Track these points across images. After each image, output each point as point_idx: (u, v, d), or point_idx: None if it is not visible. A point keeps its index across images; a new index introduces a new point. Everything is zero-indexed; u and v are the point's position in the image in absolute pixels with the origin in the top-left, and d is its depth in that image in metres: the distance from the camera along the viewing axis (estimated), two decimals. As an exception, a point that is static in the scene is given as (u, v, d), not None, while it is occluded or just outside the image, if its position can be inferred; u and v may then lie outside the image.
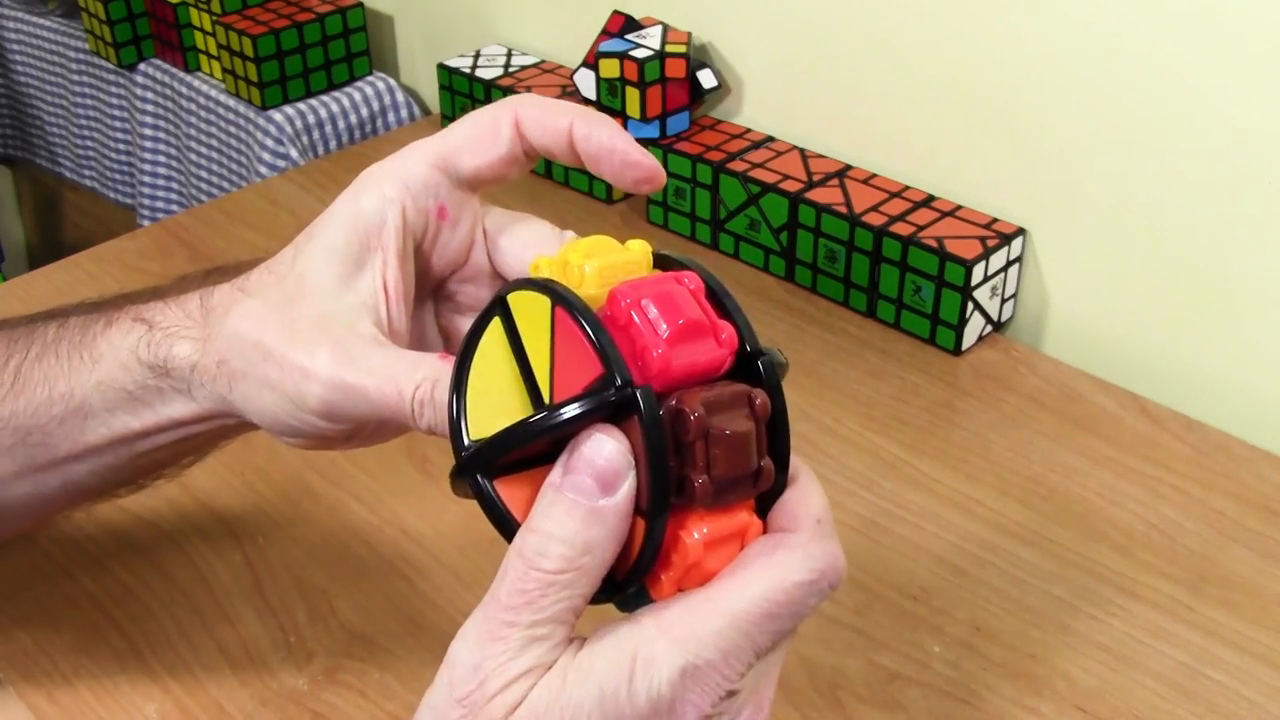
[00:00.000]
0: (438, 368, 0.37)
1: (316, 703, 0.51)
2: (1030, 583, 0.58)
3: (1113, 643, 0.55)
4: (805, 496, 0.34)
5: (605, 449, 0.32)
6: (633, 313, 0.33)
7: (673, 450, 0.32)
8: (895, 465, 0.65)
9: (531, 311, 0.34)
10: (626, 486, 0.32)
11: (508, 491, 0.34)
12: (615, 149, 0.39)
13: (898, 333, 0.75)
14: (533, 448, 0.33)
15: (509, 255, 0.44)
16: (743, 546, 0.33)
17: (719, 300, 0.34)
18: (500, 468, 0.34)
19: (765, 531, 0.34)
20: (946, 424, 0.68)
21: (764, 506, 0.34)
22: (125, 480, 0.47)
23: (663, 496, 0.32)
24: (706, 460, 0.32)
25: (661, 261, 0.36)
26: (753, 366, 0.34)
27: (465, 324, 0.43)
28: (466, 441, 0.34)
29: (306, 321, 0.39)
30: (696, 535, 0.32)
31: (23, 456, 0.44)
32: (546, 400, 0.34)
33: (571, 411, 0.32)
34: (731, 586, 0.32)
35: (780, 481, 0.34)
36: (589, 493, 0.31)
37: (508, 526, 0.34)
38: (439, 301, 0.45)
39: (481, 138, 0.41)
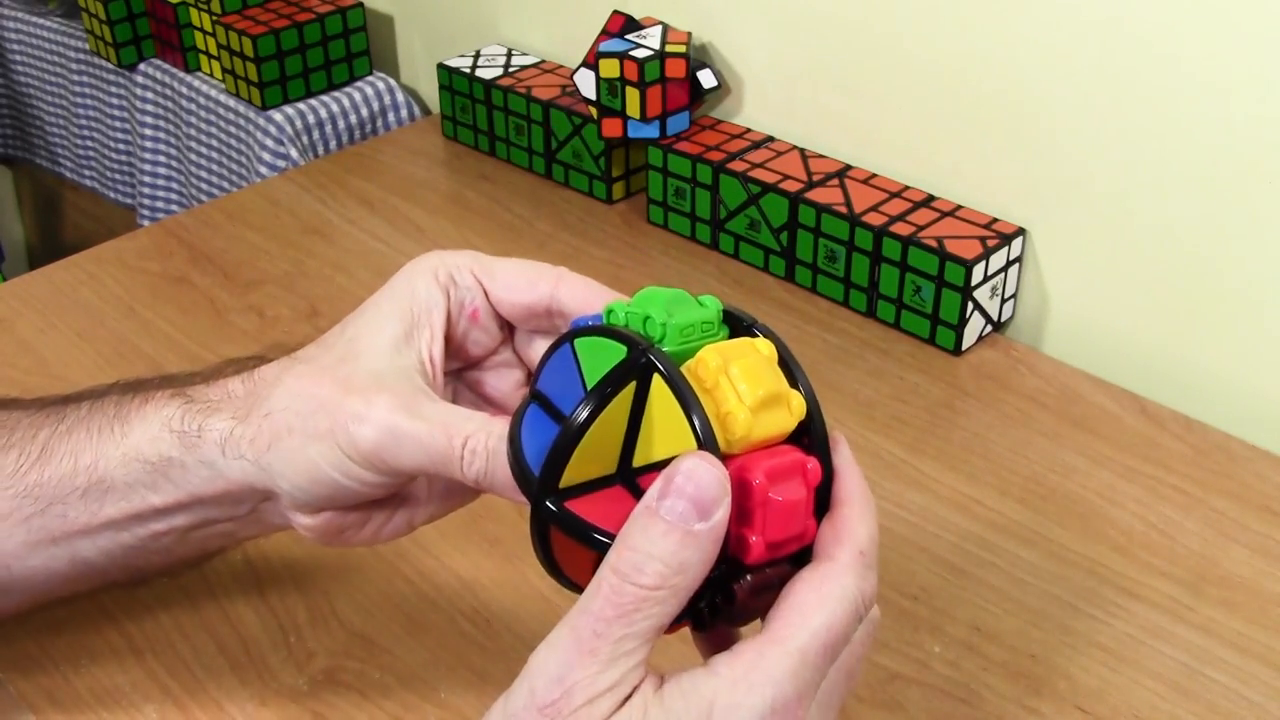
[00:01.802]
0: (490, 421, 0.39)
1: (316, 703, 0.51)
2: (1030, 583, 0.58)
3: (1113, 643, 0.55)
4: (853, 526, 0.36)
5: (704, 476, 0.33)
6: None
7: (734, 511, 0.34)
8: (895, 465, 0.65)
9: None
10: (721, 513, 0.33)
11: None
12: None
13: (898, 333, 0.75)
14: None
15: (503, 298, 0.45)
16: (806, 484, 0.36)
17: (788, 366, 0.37)
18: (567, 493, 0.36)
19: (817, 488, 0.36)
20: (946, 424, 0.68)
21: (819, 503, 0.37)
22: (135, 565, 0.46)
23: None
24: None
25: (730, 318, 0.38)
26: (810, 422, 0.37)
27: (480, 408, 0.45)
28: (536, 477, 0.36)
29: (360, 377, 0.41)
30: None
31: (39, 528, 0.44)
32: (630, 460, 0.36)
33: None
34: (794, 624, 0.34)
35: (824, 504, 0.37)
36: (686, 517, 0.33)
37: (590, 539, 0.35)
38: (456, 391, 0.47)
39: (521, 278, 0.44)
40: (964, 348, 0.73)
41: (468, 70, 0.96)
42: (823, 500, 0.37)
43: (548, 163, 0.92)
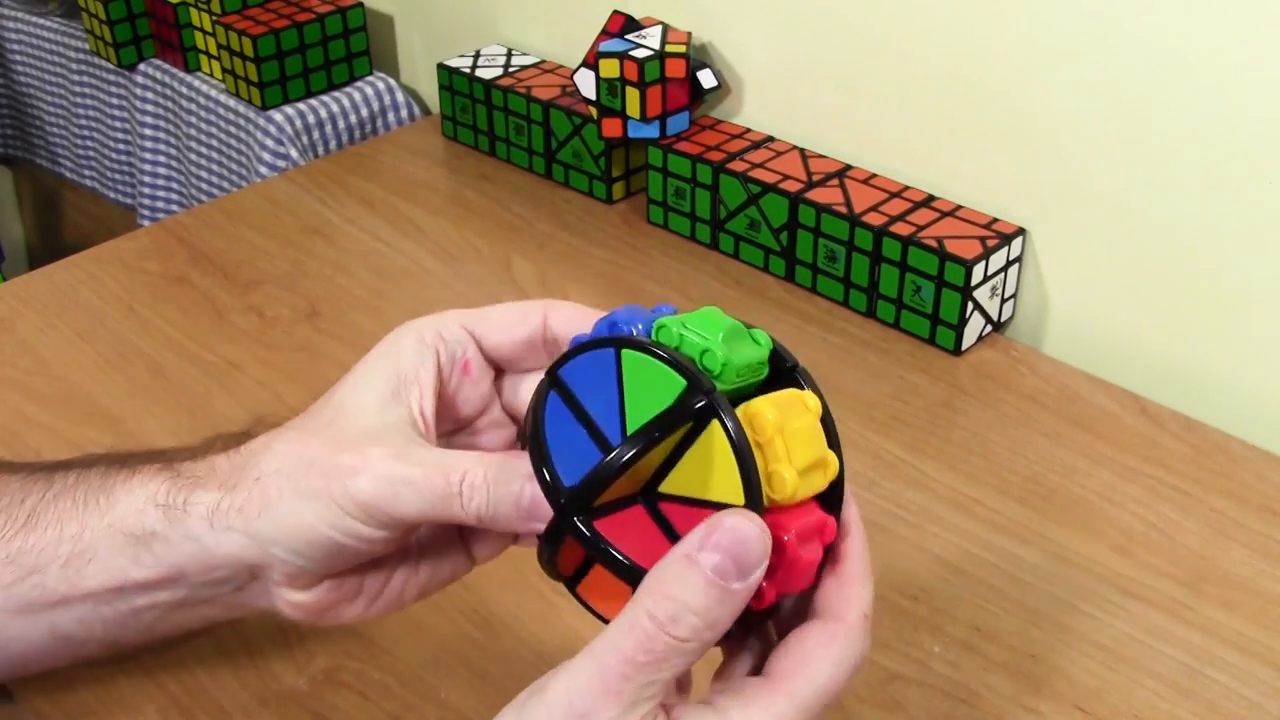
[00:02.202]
0: (484, 457, 0.39)
1: (316, 703, 0.51)
2: (1030, 583, 0.58)
3: (1113, 643, 0.55)
4: (860, 587, 0.37)
5: (750, 536, 0.33)
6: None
7: None
8: (895, 465, 0.65)
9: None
10: (758, 574, 0.33)
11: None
12: None
13: (898, 333, 0.75)
14: (620, 488, 0.36)
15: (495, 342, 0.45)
16: (822, 542, 0.36)
17: (827, 425, 0.37)
18: (594, 511, 0.36)
19: (834, 537, 0.37)
20: (946, 424, 0.68)
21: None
22: (113, 640, 0.45)
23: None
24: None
25: (775, 358, 0.38)
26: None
27: None
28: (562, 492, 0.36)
29: (351, 434, 0.40)
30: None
31: (17, 596, 0.44)
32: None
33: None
34: (802, 679, 0.35)
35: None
36: (726, 574, 0.33)
37: (620, 566, 0.35)
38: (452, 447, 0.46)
39: (510, 317, 0.44)
40: (964, 348, 0.73)
41: (468, 70, 0.96)
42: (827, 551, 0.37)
43: (548, 163, 0.92)
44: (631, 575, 0.35)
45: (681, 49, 0.83)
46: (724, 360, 0.35)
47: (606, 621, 0.35)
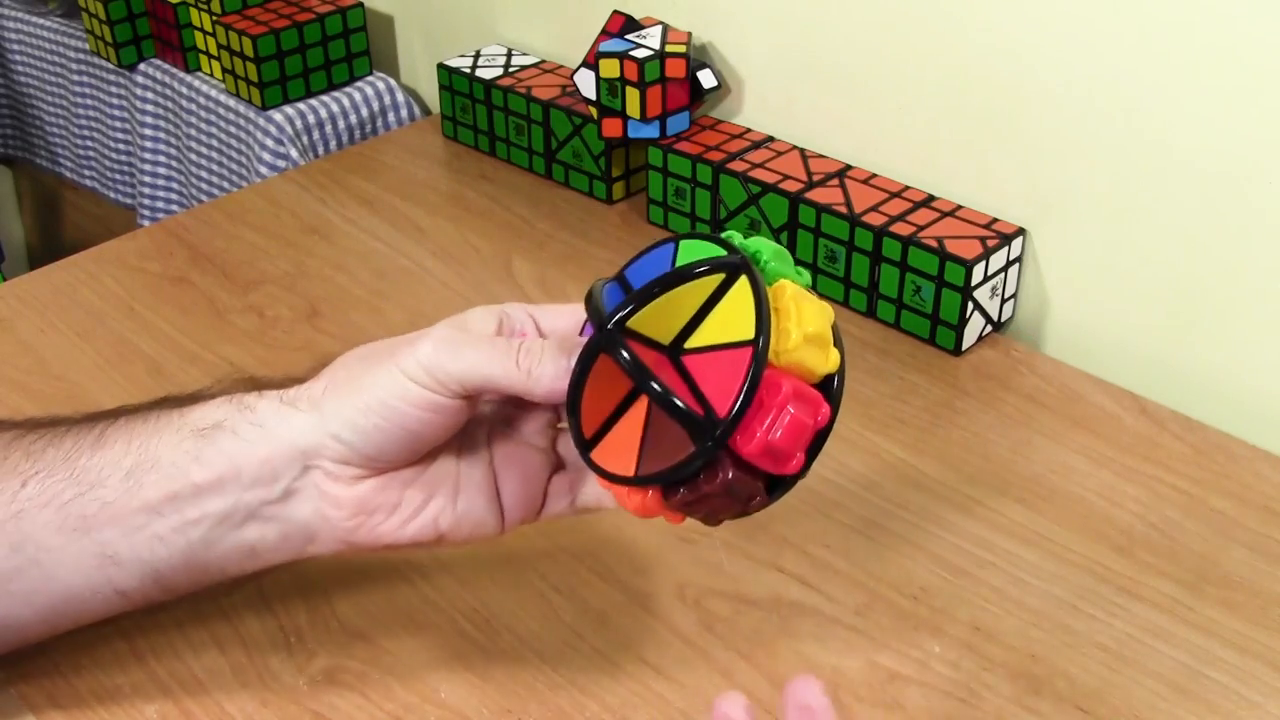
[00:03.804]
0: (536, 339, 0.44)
1: (316, 703, 0.51)
2: (1030, 583, 0.58)
3: (1113, 643, 0.55)
4: None
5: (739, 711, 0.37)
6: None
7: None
8: (895, 465, 0.65)
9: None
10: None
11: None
12: None
13: (898, 333, 0.75)
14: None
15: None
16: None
17: (836, 334, 0.42)
18: (630, 333, 0.41)
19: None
20: (946, 424, 0.68)
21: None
22: (154, 571, 0.46)
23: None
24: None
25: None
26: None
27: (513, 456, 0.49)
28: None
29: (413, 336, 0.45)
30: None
31: (75, 514, 0.45)
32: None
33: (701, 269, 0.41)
34: None
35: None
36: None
37: (639, 370, 0.40)
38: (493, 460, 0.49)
39: (564, 309, 0.48)
40: (964, 348, 0.73)
41: (468, 70, 0.96)
42: (814, 451, 0.41)
43: (548, 163, 0.92)
44: (664, 400, 0.39)
45: (681, 49, 0.83)
46: (767, 260, 0.42)
47: (616, 479, 0.41)
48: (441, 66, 0.97)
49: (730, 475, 0.39)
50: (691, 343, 0.40)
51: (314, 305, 0.79)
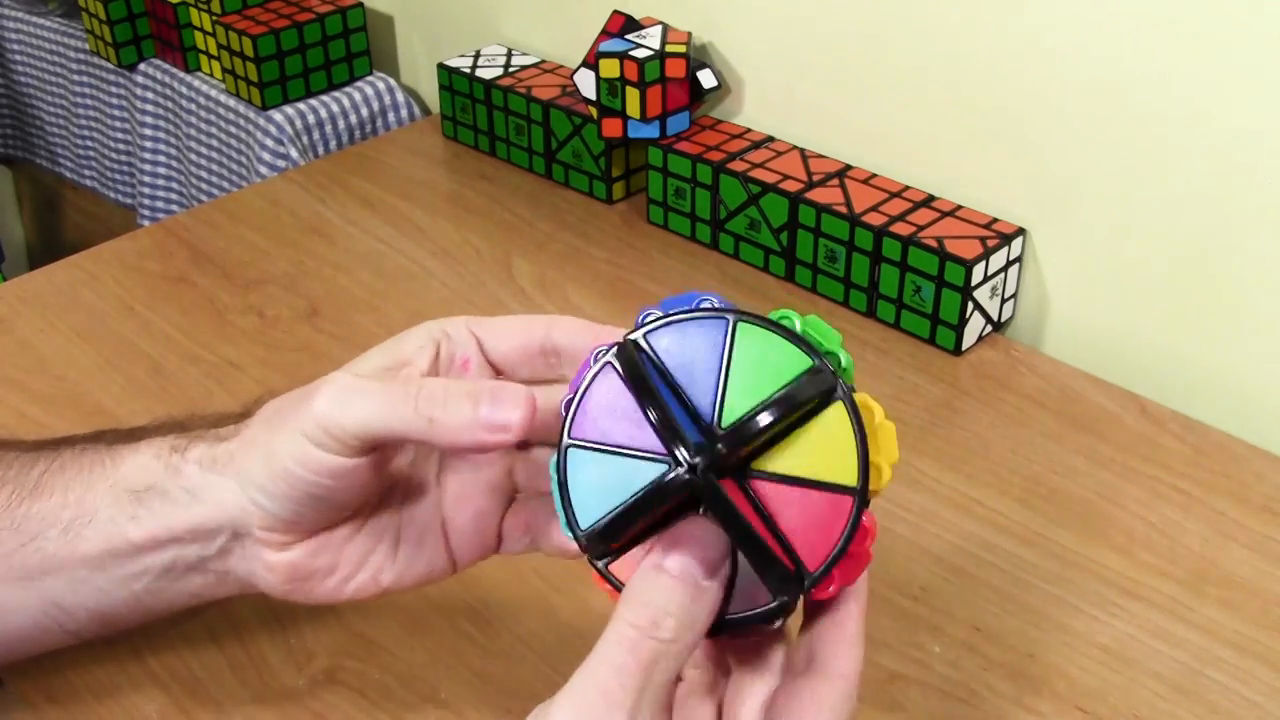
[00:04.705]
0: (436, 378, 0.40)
1: (316, 703, 0.51)
2: (1030, 583, 0.58)
3: (1113, 643, 0.55)
4: (860, 651, 0.37)
5: (711, 536, 0.34)
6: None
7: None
8: (895, 465, 0.65)
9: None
10: (722, 575, 0.35)
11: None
12: None
13: (898, 333, 0.75)
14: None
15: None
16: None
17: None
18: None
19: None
20: (946, 424, 0.68)
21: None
22: (102, 614, 0.46)
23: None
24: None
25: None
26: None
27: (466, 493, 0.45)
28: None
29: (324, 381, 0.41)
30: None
31: (17, 564, 0.44)
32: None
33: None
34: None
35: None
36: (694, 573, 0.34)
37: (747, 535, 0.34)
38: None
39: (516, 323, 0.44)
40: (964, 348, 0.73)
41: (468, 70, 0.96)
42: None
43: (548, 163, 0.92)
44: (754, 548, 0.34)
45: (681, 49, 0.83)
46: (848, 362, 0.36)
47: (620, 587, 0.36)
48: (441, 66, 0.97)
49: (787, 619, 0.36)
50: (767, 465, 0.35)
51: (314, 305, 0.79)
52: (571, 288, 0.80)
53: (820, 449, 0.35)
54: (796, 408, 0.34)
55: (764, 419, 0.34)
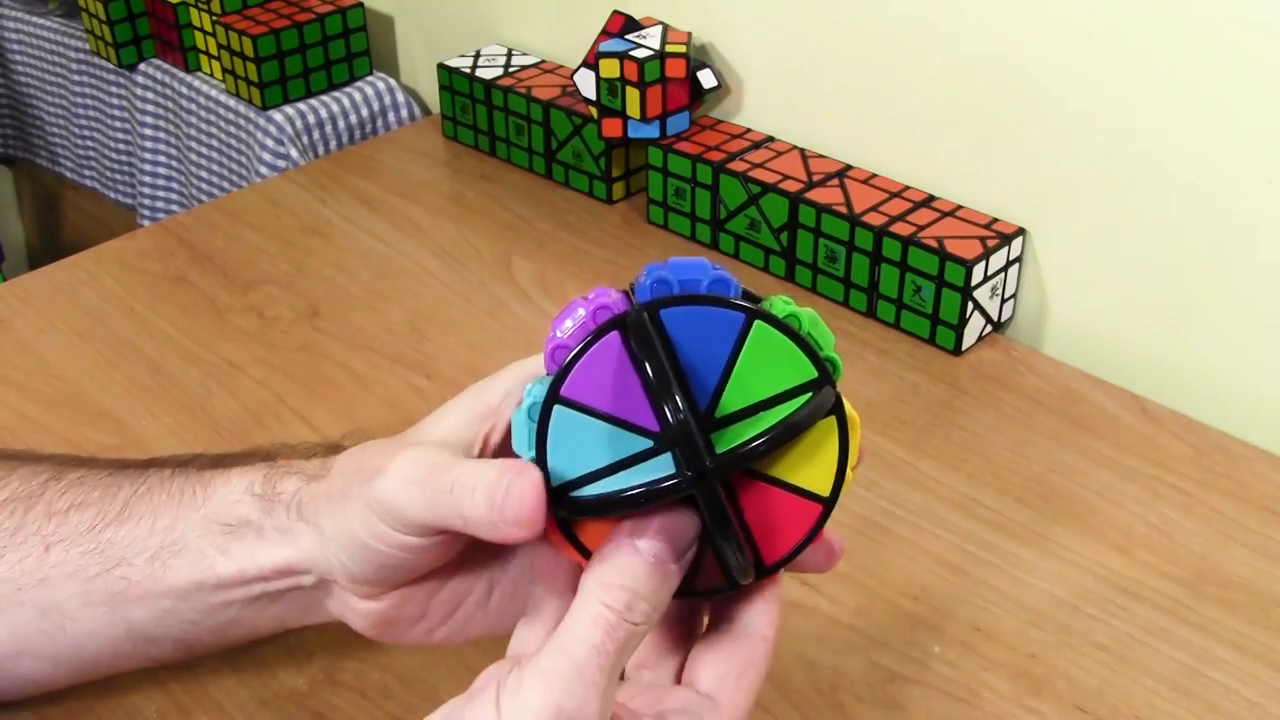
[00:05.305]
0: (491, 462, 0.37)
1: (316, 703, 0.51)
2: (1030, 583, 0.58)
3: (1113, 643, 0.55)
4: (778, 610, 0.39)
5: (685, 522, 0.36)
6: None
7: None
8: (895, 465, 0.65)
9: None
10: (688, 559, 0.36)
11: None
12: None
13: (898, 333, 0.75)
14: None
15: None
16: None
17: None
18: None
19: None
20: (946, 424, 0.68)
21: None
22: (187, 642, 0.45)
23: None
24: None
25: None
26: None
27: None
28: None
29: (408, 441, 0.40)
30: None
31: (100, 589, 0.44)
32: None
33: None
34: (743, 698, 0.38)
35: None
36: (666, 558, 0.35)
37: (727, 529, 0.36)
38: None
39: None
40: (964, 348, 0.73)
41: (468, 70, 0.96)
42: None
43: (548, 163, 0.92)
44: (725, 540, 0.36)
45: (681, 49, 0.83)
46: (839, 366, 0.37)
47: (588, 555, 0.37)
48: (441, 66, 0.97)
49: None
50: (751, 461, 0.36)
51: (314, 305, 0.79)
52: (571, 287, 0.80)
53: (804, 456, 0.36)
54: (798, 435, 0.36)
55: (764, 444, 0.35)
